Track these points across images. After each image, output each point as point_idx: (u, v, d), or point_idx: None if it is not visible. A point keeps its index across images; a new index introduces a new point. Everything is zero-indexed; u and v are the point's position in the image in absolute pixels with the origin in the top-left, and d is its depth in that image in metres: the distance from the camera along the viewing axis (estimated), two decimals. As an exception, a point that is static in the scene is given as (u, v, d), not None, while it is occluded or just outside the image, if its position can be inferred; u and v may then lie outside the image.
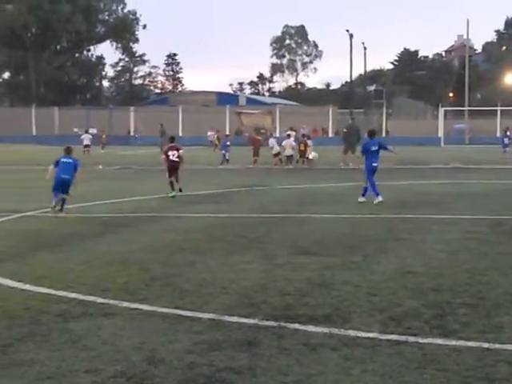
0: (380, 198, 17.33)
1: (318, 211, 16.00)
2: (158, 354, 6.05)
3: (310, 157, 32.05)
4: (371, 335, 6.52)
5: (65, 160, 15.97)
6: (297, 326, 6.82)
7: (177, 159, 20.16)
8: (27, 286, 8.55)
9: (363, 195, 17.75)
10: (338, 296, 7.99)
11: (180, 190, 19.82)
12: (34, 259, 10.41)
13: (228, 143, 35.49)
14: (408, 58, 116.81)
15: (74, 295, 8.08)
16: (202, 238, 12.40)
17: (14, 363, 5.83)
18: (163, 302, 7.79)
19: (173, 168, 20.01)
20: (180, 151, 20.30)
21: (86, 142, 46.78)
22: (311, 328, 6.74)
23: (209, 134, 55.40)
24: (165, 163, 20.31)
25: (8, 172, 30.11)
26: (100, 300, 7.85)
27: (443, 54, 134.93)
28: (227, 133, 47.98)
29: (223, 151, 35.10)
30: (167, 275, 9.19)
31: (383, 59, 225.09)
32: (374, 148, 18.05)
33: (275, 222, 14.65)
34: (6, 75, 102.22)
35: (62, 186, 15.66)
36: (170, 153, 20.22)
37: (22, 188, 22.30)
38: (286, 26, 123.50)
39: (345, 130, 35.65)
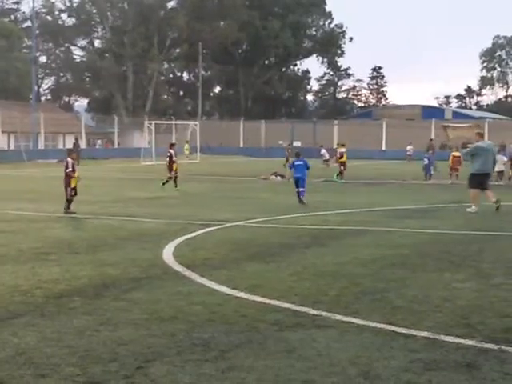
0: None
1: (534, 230, 15.17)
2: (373, 369, 5.98)
3: None
4: None
5: (297, 163, 21.57)
6: (519, 350, 6.48)
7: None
8: (242, 294, 8.80)
9: None
10: None
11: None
12: (246, 268, 10.71)
13: (427, 158, 34.49)
14: None
15: (287, 305, 8.19)
16: (411, 253, 12.16)
17: (234, 368, 5.99)
18: (375, 316, 7.70)
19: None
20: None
21: (325, 156, 47.36)
22: (535, 354, 6.37)
23: (408, 148, 54.89)
24: None
25: (220, 182, 31.34)
26: (312, 311, 7.90)
27: None
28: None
29: (427, 166, 34.30)
30: (378, 290, 9.09)
31: None
32: None
33: (487, 239, 14.07)
34: (217, 89, 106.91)
35: (297, 182, 21.11)
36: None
37: (234, 198, 23.14)
38: (497, 37, 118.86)
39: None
